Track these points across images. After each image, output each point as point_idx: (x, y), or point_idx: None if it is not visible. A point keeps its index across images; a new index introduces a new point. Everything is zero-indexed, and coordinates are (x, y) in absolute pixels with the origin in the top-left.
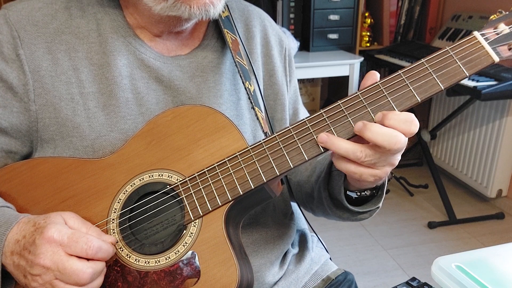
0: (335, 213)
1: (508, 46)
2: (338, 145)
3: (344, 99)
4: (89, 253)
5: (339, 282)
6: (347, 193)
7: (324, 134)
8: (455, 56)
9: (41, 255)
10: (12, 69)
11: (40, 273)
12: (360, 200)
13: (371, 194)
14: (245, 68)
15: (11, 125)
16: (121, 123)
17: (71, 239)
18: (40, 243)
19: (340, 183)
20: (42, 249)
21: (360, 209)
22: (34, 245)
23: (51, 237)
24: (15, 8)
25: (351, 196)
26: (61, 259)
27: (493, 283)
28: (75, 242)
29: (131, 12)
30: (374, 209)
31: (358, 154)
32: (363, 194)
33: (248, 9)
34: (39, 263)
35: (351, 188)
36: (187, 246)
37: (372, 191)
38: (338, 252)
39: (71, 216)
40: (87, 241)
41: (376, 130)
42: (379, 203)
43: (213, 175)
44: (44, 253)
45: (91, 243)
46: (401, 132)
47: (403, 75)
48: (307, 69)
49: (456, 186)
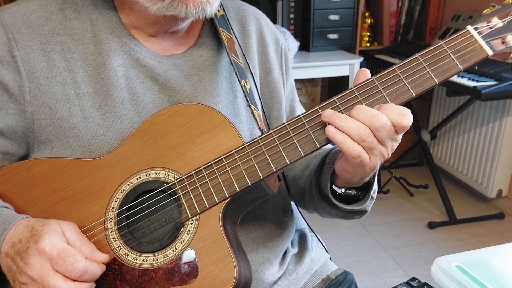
0: (323, 208)
1: (502, 39)
2: (343, 119)
3: (339, 95)
4: (72, 275)
5: (339, 282)
6: (333, 188)
7: (330, 109)
8: (449, 51)
9: (30, 265)
10: (7, 70)
11: (26, 282)
12: (348, 199)
13: (355, 194)
14: (241, 67)
15: (7, 126)
16: (117, 123)
17: (59, 256)
18: (31, 252)
19: (328, 176)
20: (32, 260)
21: (347, 206)
22: (26, 253)
23: (43, 249)
24: (10, 11)
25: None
26: (47, 275)
27: (493, 283)
28: (63, 260)
29: (126, 13)
30: (362, 211)
31: (362, 131)
32: (348, 192)
33: (243, 8)
34: (26, 272)
35: (338, 184)
36: (184, 243)
37: (357, 192)
38: (338, 253)
39: (69, 228)
40: (74, 261)
41: (345, 118)
42: (365, 205)
43: (210, 172)
44: (33, 264)
45: (76, 264)
46: (394, 124)
47: (397, 70)
48: (307, 69)
49: (456, 186)
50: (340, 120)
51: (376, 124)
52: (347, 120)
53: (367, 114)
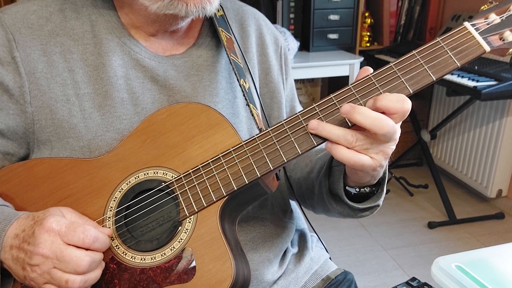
0: (335, 209)
1: (499, 35)
2: (328, 131)
3: (336, 92)
4: (86, 241)
5: (338, 281)
6: (346, 189)
7: (314, 121)
8: (446, 47)
9: (40, 244)
10: (7, 71)
11: (39, 262)
12: (360, 197)
13: (370, 191)
14: (240, 66)
15: (7, 127)
16: (117, 123)
17: (69, 228)
18: (39, 233)
19: (340, 178)
20: (41, 239)
21: (360, 205)
22: (33, 237)
23: (50, 227)
24: (10, 11)
25: (350, 192)
26: (60, 248)
27: (493, 283)
28: (73, 231)
29: (126, 12)
30: (374, 206)
31: (349, 138)
32: (362, 190)
33: (242, 9)
34: (38, 252)
35: (351, 184)
36: (182, 242)
37: (371, 188)
38: (338, 252)
39: (68, 211)
40: (84, 230)
41: (364, 112)
42: (379, 200)
43: (208, 171)
44: (43, 242)
45: (88, 232)
46: (395, 111)
47: (394, 67)
48: (307, 69)
49: (456, 186)
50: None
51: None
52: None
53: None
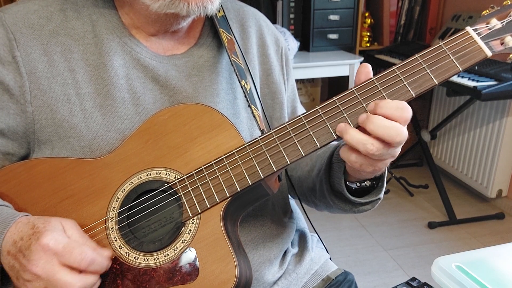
0: (337, 205)
1: (501, 40)
2: (351, 135)
3: (339, 95)
4: (82, 264)
5: (339, 282)
6: (347, 184)
7: (343, 124)
8: (449, 51)
9: (34, 261)
10: (8, 71)
11: (30, 279)
12: (360, 191)
13: (371, 185)
14: (241, 67)
15: (8, 127)
16: (118, 123)
17: (66, 249)
18: (35, 249)
19: (340, 174)
20: (36, 256)
21: (361, 199)
22: (29, 250)
23: (47, 245)
24: (10, 11)
25: (352, 187)
26: (53, 269)
27: (493, 283)
28: (70, 252)
29: (126, 12)
30: (376, 199)
31: (369, 147)
32: (363, 185)
33: (243, 9)
34: (31, 270)
35: (351, 179)
36: (185, 243)
37: (372, 182)
38: (338, 253)
39: (70, 225)
40: (81, 252)
41: (378, 122)
42: (380, 194)
43: (211, 172)
44: (37, 260)
45: (85, 254)
46: (395, 120)
47: (397, 70)
48: (307, 69)
49: (456, 186)
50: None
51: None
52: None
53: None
